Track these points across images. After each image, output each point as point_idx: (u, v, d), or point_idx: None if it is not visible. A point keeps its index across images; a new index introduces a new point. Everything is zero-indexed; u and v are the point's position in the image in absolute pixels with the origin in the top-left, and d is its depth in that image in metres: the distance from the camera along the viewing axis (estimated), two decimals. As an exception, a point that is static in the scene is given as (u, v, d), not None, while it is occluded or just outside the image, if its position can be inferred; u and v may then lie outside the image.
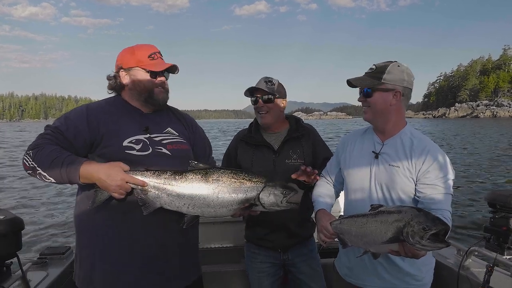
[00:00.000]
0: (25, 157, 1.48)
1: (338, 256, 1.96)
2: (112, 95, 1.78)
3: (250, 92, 2.15)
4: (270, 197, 1.61)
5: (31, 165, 1.46)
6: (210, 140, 2.05)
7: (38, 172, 1.45)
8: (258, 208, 1.64)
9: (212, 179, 1.58)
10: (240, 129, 2.38)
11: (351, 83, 1.72)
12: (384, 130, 1.74)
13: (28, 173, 1.50)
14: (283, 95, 2.17)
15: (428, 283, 1.73)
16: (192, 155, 1.78)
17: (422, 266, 1.68)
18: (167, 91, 1.76)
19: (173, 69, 1.76)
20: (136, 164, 1.55)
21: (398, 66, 1.66)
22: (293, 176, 1.94)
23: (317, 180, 1.96)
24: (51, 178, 1.46)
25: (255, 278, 2.21)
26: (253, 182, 1.62)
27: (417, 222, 1.28)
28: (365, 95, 1.69)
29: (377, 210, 1.47)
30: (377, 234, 1.40)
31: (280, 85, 2.16)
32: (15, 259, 2.07)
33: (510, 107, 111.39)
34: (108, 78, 1.75)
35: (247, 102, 2.20)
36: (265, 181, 1.64)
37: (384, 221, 1.39)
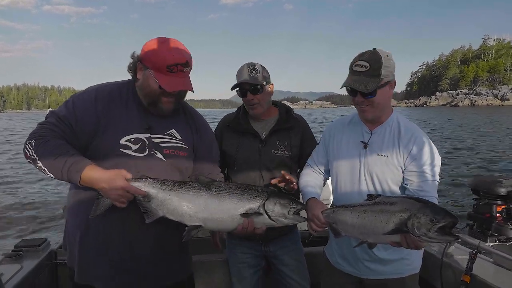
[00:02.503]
0: (27, 146, 1.43)
1: (329, 244, 1.95)
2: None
3: (237, 86, 2.03)
4: (276, 206, 1.55)
5: (32, 156, 1.42)
6: None
7: (38, 164, 1.41)
8: (264, 219, 1.56)
9: (215, 188, 1.56)
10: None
11: (353, 89, 1.61)
12: (377, 120, 1.72)
13: (28, 161, 1.45)
14: (268, 79, 2.07)
15: (418, 266, 1.76)
16: (189, 163, 1.70)
17: (412, 250, 1.68)
18: (179, 100, 1.63)
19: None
20: (129, 164, 1.50)
21: (387, 56, 1.62)
22: (273, 181, 1.89)
23: (295, 189, 1.92)
24: (50, 174, 1.41)
25: (235, 268, 2.18)
26: (258, 191, 1.58)
27: (423, 214, 1.26)
28: (365, 95, 1.62)
29: (375, 200, 1.44)
30: (377, 225, 1.37)
31: (263, 69, 2.05)
32: None
33: (487, 96, 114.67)
34: (131, 57, 1.60)
35: (234, 91, 2.11)
36: (270, 192, 1.60)
37: (385, 211, 1.36)
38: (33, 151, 1.41)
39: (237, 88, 2.04)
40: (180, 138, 1.67)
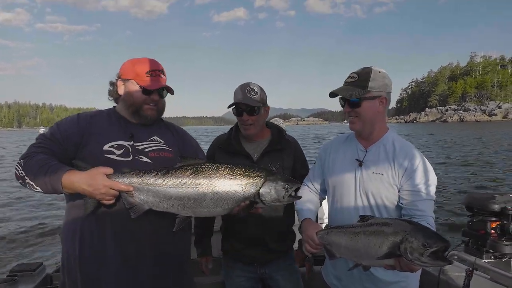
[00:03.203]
0: (17, 166, 1.48)
1: (325, 265, 1.93)
2: (112, 101, 1.80)
3: (234, 105, 2.02)
4: (272, 193, 1.48)
5: (20, 174, 1.45)
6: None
7: (26, 181, 1.44)
8: (258, 205, 1.52)
9: (204, 176, 1.45)
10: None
11: (336, 94, 1.68)
12: (369, 137, 1.73)
13: (19, 182, 1.48)
14: (265, 101, 2.07)
15: None
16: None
17: (408, 273, 1.67)
18: (159, 109, 1.73)
19: (169, 89, 1.74)
20: (116, 169, 1.49)
21: (379, 72, 1.65)
22: None
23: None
24: (38, 188, 1.43)
25: None
26: (252, 177, 1.48)
27: (416, 238, 1.24)
28: (352, 105, 1.65)
29: (368, 222, 1.42)
30: (370, 248, 1.35)
31: (262, 91, 2.04)
32: None
33: (476, 112, 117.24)
34: (110, 83, 1.76)
35: (226, 108, 2.11)
36: (265, 176, 1.50)
37: (378, 234, 1.34)
38: (21, 169, 1.45)
39: (233, 107, 2.04)
40: (163, 142, 1.71)
